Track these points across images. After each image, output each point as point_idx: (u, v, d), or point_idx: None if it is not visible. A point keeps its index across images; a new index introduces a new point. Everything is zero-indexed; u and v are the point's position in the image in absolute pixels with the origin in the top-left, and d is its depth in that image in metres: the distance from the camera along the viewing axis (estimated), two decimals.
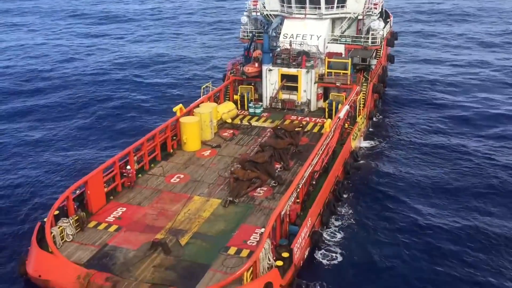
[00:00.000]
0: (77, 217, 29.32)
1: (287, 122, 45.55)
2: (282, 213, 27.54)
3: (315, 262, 28.96)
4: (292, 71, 48.02)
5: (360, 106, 46.36)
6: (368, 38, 50.04)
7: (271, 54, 48.65)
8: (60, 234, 27.88)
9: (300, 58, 48.09)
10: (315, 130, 44.15)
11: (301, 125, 43.53)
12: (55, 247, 26.83)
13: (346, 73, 47.51)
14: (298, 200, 30.31)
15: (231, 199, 32.12)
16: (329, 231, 32.09)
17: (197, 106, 43.50)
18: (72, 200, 29.87)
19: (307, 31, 48.96)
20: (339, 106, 45.22)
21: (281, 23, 50.30)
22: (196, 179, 35.27)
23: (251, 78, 50.24)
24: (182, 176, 35.80)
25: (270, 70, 48.48)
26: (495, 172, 40.88)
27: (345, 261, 29.34)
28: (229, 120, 45.56)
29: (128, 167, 34.22)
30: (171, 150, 39.65)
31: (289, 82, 48.55)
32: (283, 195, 30.69)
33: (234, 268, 25.62)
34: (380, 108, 55.85)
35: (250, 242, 27.96)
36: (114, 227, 29.79)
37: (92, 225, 29.99)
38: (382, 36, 52.31)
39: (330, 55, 49.81)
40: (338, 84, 47.83)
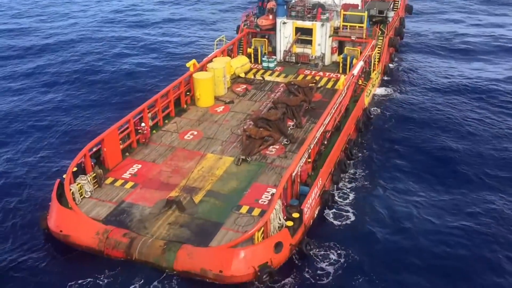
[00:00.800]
0: (94, 174, 30.23)
1: (300, 77, 45.34)
2: (293, 174, 28.11)
3: (326, 222, 29.47)
4: (306, 24, 47.25)
5: (375, 62, 45.84)
6: None
7: (285, 6, 47.73)
8: (78, 191, 28.94)
9: (316, 10, 47.17)
10: (329, 86, 43.97)
11: (314, 81, 43.33)
12: (75, 204, 27.93)
13: (362, 27, 46.63)
14: (309, 160, 30.80)
15: (244, 157, 32.72)
16: (341, 192, 32.29)
17: (211, 60, 43.38)
18: (89, 158, 30.74)
19: None
20: (354, 60, 44.82)
21: None
22: (209, 136, 35.80)
23: (265, 31, 49.58)
24: (195, 133, 36.34)
25: (284, 23, 47.73)
26: None
27: (356, 222, 29.50)
28: (242, 75, 45.47)
29: (143, 124, 34.79)
30: (185, 106, 40.02)
31: (304, 36, 47.89)
32: (295, 155, 31.23)
33: (246, 226, 26.59)
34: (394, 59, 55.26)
35: (261, 201, 28.77)
36: (130, 184, 30.74)
37: (109, 181, 30.97)
38: None
39: (346, 7, 48.72)
40: (353, 38, 47.11)
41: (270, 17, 49.16)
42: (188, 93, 40.76)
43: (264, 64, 47.68)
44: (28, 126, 41.73)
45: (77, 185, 28.97)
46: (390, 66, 53.11)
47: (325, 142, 33.47)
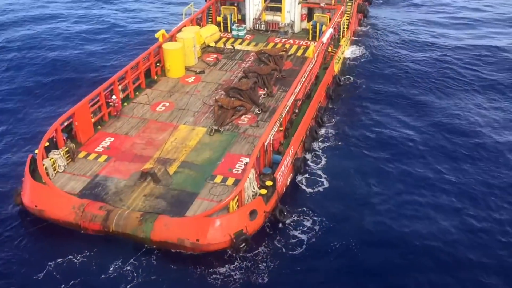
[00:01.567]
0: (67, 148, 30.12)
1: (271, 45, 45.39)
2: (266, 143, 28.64)
3: (299, 189, 30.15)
4: None
5: (344, 28, 46.18)
6: None
7: None
8: (52, 166, 28.86)
9: None
10: (299, 53, 44.21)
11: (284, 49, 43.50)
12: (48, 179, 27.90)
13: None
14: (281, 129, 31.35)
15: (216, 127, 33.02)
16: (313, 157, 32.85)
17: (180, 30, 42.95)
18: (61, 132, 30.52)
19: None
20: (323, 27, 45.05)
21: None
22: (181, 107, 35.85)
23: None
24: (167, 104, 36.33)
25: None
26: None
27: (328, 188, 30.10)
28: (212, 44, 45.23)
29: (114, 96, 34.55)
30: (155, 77, 39.78)
31: (273, 3, 47.70)
32: (267, 124, 31.70)
33: (221, 196, 27.16)
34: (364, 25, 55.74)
35: (235, 170, 29.30)
36: (103, 157, 30.76)
37: (82, 155, 30.91)
38: None
39: None
40: (322, 4, 47.24)
41: None
42: (158, 64, 40.44)
43: (234, 32, 47.43)
44: None
45: (50, 160, 28.85)
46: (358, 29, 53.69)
47: (296, 111, 34.01)
